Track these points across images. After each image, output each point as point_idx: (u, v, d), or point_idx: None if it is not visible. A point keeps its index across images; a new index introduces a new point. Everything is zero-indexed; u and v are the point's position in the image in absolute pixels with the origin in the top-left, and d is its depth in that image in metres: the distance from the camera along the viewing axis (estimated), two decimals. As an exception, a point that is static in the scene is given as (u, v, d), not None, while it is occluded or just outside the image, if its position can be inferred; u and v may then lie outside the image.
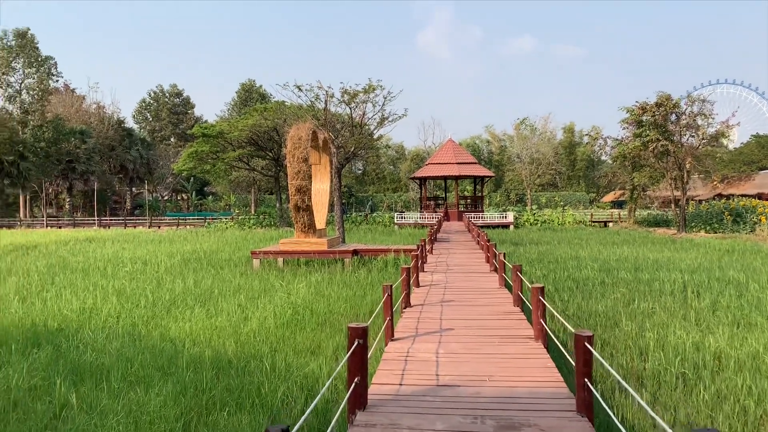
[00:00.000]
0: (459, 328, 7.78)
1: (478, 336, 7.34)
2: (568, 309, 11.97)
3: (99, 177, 70.89)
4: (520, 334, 7.33)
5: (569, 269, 18.25)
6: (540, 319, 6.82)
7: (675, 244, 28.06)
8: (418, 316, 8.70)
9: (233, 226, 48.52)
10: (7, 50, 67.22)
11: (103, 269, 19.30)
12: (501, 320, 8.25)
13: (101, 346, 9.26)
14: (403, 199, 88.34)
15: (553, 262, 20.36)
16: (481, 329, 7.71)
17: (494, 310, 9.08)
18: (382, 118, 25.94)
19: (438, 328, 7.80)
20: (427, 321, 8.31)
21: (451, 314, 8.78)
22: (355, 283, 15.56)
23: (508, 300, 9.93)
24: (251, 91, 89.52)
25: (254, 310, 12.05)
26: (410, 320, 8.35)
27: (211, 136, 47.46)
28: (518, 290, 9.15)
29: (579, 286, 14.93)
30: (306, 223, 20.39)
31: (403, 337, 7.32)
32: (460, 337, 7.27)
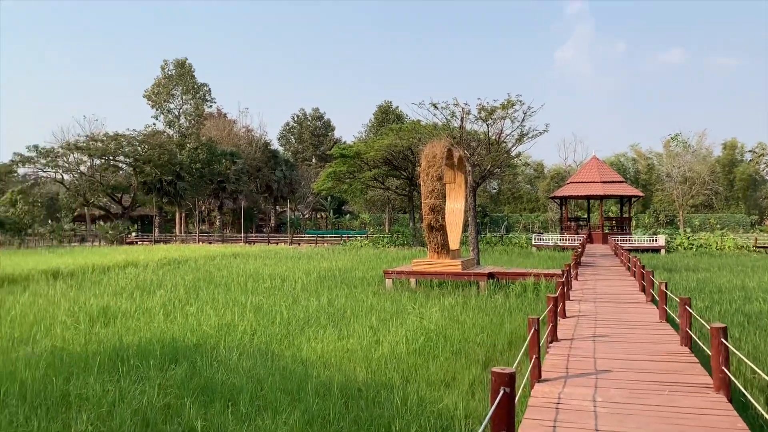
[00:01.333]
0: (617, 370, 6.72)
1: (641, 381, 6.25)
2: (742, 349, 10.30)
3: (246, 196, 75.34)
4: (694, 382, 6.15)
5: (736, 301, 16.08)
6: (722, 366, 5.64)
7: None
8: (567, 352, 7.71)
9: (368, 244, 49.13)
10: (168, 78, 73.75)
11: (243, 284, 19.91)
12: (667, 362, 7.06)
13: (234, 365, 9.18)
14: (541, 219, 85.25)
15: (715, 292, 18.12)
16: (643, 373, 6.60)
17: (657, 349, 7.85)
18: (521, 134, 24.82)
19: (592, 369, 6.79)
20: (578, 359, 7.30)
21: (606, 352, 7.70)
22: (491, 309, 14.66)
23: (673, 337, 8.61)
24: (388, 112, 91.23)
25: (386, 333, 11.58)
26: (558, 358, 7.39)
27: (349, 156, 48.62)
28: (686, 327, 7.86)
29: (751, 322, 12.97)
30: (439, 244, 19.79)
31: (551, 378, 6.41)
32: (620, 382, 6.22)
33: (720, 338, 5.64)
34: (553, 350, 7.88)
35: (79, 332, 11.73)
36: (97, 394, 7.56)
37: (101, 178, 66.77)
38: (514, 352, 10.55)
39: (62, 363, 9.02)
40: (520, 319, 13.12)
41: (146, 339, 11.00)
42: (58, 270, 24.51)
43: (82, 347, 10.23)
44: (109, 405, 7.24)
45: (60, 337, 11.28)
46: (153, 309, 14.56)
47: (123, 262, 29.27)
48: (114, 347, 10.11)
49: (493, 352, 10.44)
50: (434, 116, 25.06)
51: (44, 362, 9.02)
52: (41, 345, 10.54)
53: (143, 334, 11.54)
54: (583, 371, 6.70)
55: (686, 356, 7.38)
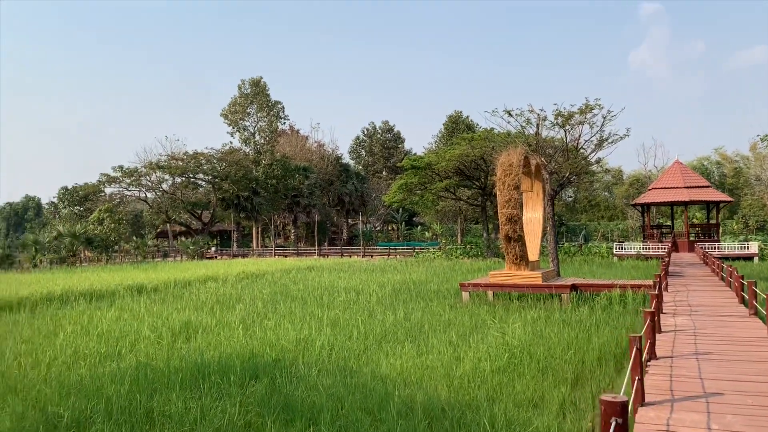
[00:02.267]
0: (729, 393, 6.08)
1: (760, 407, 5.61)
2: None
3: (319, 209, 76.43)
4: (825, 410, 5.46)
5: None
6: None
7: None
8: (668, 372, 7.08)
9: (440, 256, 48.59)
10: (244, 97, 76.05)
11: (319, 298, 19.92)
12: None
13: (313, 382, 9.02)
14: (620, 227, 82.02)
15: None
16: (762, 396, 5.93)
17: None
18: (601, 139, 23.82)
19: (700, 391, 6.18)
20: (683, 380, 6.68)
21: (713, 372, 7.03)
22: (576, 323, 13.94)
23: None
24: (458, 121, 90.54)
25: (466, 349, 11.16)
26: (660, 378, 6.79)
27: (420, 167, 48.37)
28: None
29: None
30: (518, 255, 19.16)
31: (656, 401, 5.85)
32: (736, 408, 5.60)
33: None
34: (653, 369, 7.27)
35: (162, 347, 11.93)
36: (179, 411, 7.56)
37: (182, 195, 69.41)
38: (605, 369, 9.92)
39: (146, 379, 9.13)
40: (608, 334, 12.40)
41: (226, 354, 11.04)
42: (142, 285, 25.39)
43: (164, 363, 10.36)
44: (191, 423, 7.21)
45: (144, 352, 11.49)
46: (232, 323, 14.71)
47: (203, 277, 30.05)
48: (195, 363, 10.17)
49: (582, 369, 9.85)
50: (508, 124, 24.46)
51: (129, 378, 9.15)
52: (126, 360, 10.76)
53: (223, 349, 11.60)
54: (691, 394, 6.10)
55: (809, 378, 6.62)
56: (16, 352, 11.61)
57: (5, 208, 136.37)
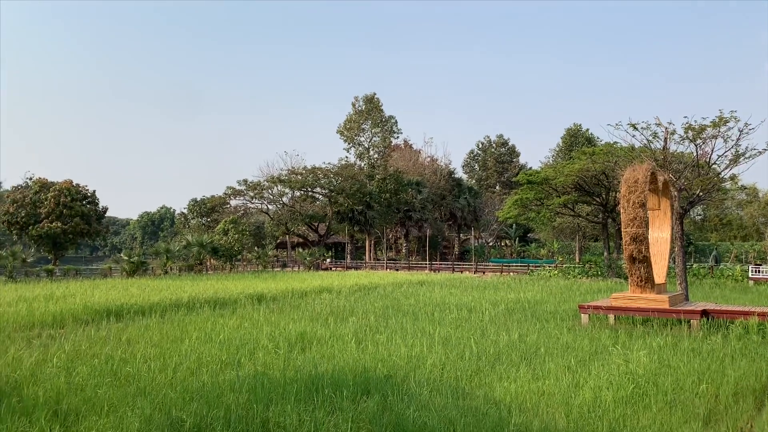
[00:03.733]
0: None
1: None
2: None
3: (431, 224, 76.51)
4: None
5: None
6: None
7: None
8: (824, 418, 6.30)
9: (557, 274, 46.94)
10: (359, 114, 78.04)
11: (431, 314, 19.80)
12: None
13: (425, 401, 8.90)
14: (757, 248, 75.38)
15: None
16: None
17: None
18: (737, 154, 22.02)
19: None
20: (843, 429, 5.90)
21: None
22: (708, 352, 12.85)
23: None
24: (577, 135, 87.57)
25: (586, 375, 10.58)
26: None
27: (536, 182, 47.16)
28: None
29: None
30: (642, 277, 18.03)
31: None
32: None
33: None
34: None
35: (279, 357, 12.29)
36: (293, 423, 7.70)
37: (300, 208, 72.13)
38: (742, 405, 9.04)
39: (263, 389, 9.41)
40: (745, 366, 11.32)
41: (339, 367, 11.18)
42: (261, 294, 26.49)
43: (280, 373, 10.64)
44: (306, 436, 7.32)
45: (261, 361, 11.89)
46: (345, 336, 14.91)
47: (318, 288, 30.89)
48: (309, 375, 10.37)
49: (715, 404, 9.04)
50: (633, 138, 23.24)
51: (247, 387, 9.47)
52: (245, 369, 11.18)
53: (336, 362, 11.76)
54: None
55: None
56: (146, 356, 12.41)
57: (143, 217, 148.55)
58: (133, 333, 15.88)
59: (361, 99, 78.71)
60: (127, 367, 11.25)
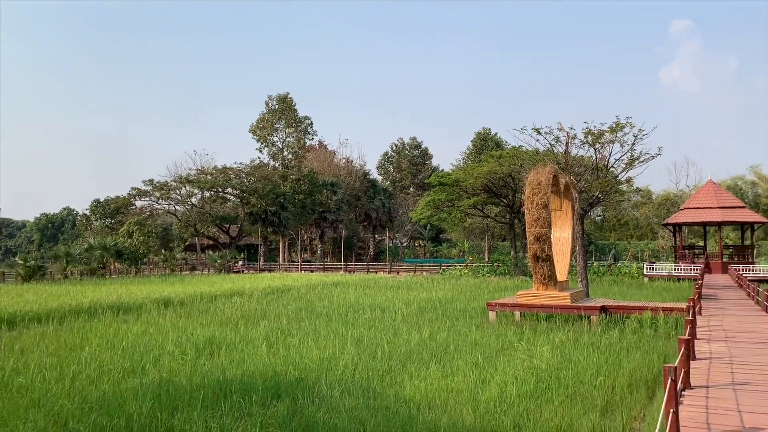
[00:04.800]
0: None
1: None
2: None
3: (346, 225, 76.55)
4: None
5: None
6: None
7: None
8: (704, 403, 6.79)
9: (467, 273, 48.17)
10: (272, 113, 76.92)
11: (344, 315, 19.79)
12: (835, 422, 6.01)
13: (336, 403, 8.87)
14: (651, 247, 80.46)
15: None
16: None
17: (817, 403, 6.76)
18: (632, 158, 23.39)
19: (739, 426, 5.89)
20: (720, 413, 6.38)
21: (753, 404, 6.71)
22: (606, 346, 13.58)
23: (834, 389, 7.43)
24: (486, 139, 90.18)
25: (492, 371, 10.92)
26: (695, 410, 6.50)
27: (447, 184, 48.18)
28: None
29: None
30: (546, 275, 18.82)
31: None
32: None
33: None
34: (688, 400, 6.97)
35: (186, 363, 11.90)
36: (199, 431, 7.47)
37: (210, 209, 70.21)
38: (636, 396, 9.60)
39: (168, 396, 9.08)
40: (639, 358, 12.05)
41: (249, 372, 10.96)
42: (168, 299, 25.56)
43: (187, 379, 10.31)
44: (212, 444, 7.11)
45: (167, 368, 11.47)
46: (256, 340, 14.65)
47: (229, 291, 30.18)
48: (218, 380, 10.11)
49: (612, 396, 9.55)
50: (537, 142, 24.18)
51: (151, 395, 9.11)
52: (149, 376, 10.74)
53: (246, 367, 11.53)
54: (728, 428, 5.82)
55: None
56: (42, 365, 11.68)
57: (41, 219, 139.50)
58: (27, 342, 14.93)
59: (274, 98, 77.58)
60: (20, 377, 10.56)
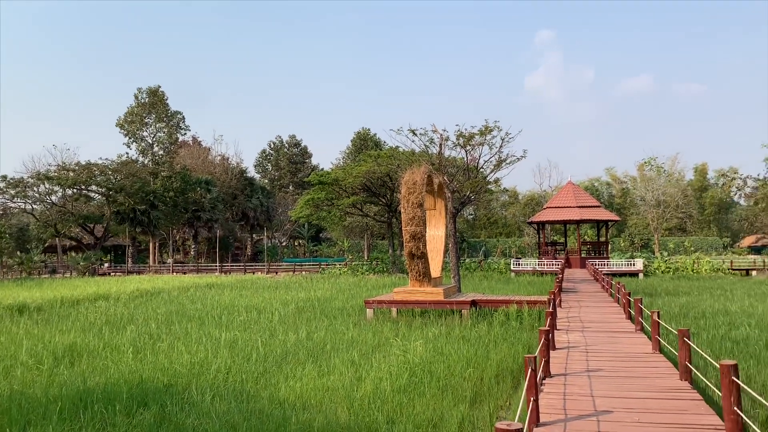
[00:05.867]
0: (618, 411, 6.30)
1: (646, 425, 5.82)
2: (737, 379, 9.98)
3: (222, 224, 74.28)
4: (702, 424, 5.74)
5: (721, 327, 15.85)
6: (734, 407, 5.24)
7: None
8: (562, 390, 7.27)
9: (346, 272, 48.51)
10: (141, 107, 72.97)
11: (218, 318, 19.20)
12: (671, 400, 6.65)
13: (207, 409, 8.57)
14: (518, 244, 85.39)
15: (700, 318, 17.91)
16: (647, 413, 6.18)
17: (657, 384, 7.45)
18: (500, 160, 24.67)
19: (591, 410, 6.36)
20: (576, 399, 6.86)
21: (604, 389, 7.27)
22: (475, 339, 14.20)
23: (670, 371, 8.23)
24: (366, 139, 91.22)
25: (368, 368, 11.04)
26: (554, 397, 6.94)
27: (327, 183, 48.25)
28: (687, 360, 7.49)
29: (740, 349, 12.70)
30: (421, 272, 19.35)
31: (550, 421, 5.95)
32: (625, 426, 5.79)
33: (731, 376, 5.26)
34: (548, 388, 7.44)
35: (42, 374, 11.00)
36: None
37: (73, 208, 65.33)
38: (502, 386, 10.09)
39: (20, 410, 8.33)
40: (505, 350, 12.69)
41: (113, 380, 10.32)
42: (24, 304, 23.52)
43: (42, 391, 9.52)
44: (68, 459, 6.60)
45: (20, 379, 10.53)
46: (122, 346, 13.85)
47: (93, 295, 28.32)
48: (77, 390, 9.42)
49: (480, 386, 9.97)
50: (412, 143, 24.84)
51: (0, 409, 8.31)
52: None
53: (110, 375, 10.86)
54: (583, 412, 6.26)
55: (688, 392, 6.99)
56: None
57: None
58: None
59: (144, 91, 73.55)
60: None
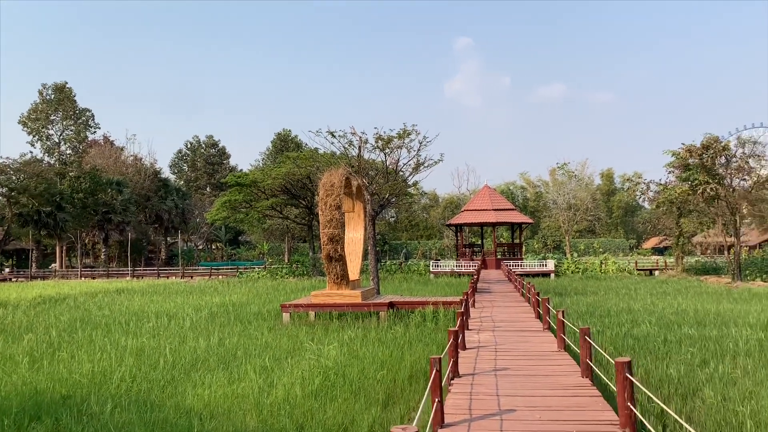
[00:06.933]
0: (521, 409, 6.43)
1: (547, 422, 5.97)
2: (635, 374, 10.46)
3: (134, 227, 71.30)
4: (600, 420, 5.94)
5: (624, 324, 16.66)
6: (627, 403, 5.46)
7: (732, 295, 26.12)
8: (469, 390, 7.36)
9: (265, 275, 47.71)
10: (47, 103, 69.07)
11: (126, 325, 18.38)
12: (571, 397, 6.87)
13: (106, 420, 8.12)
14: (438, 246, 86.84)
15: (605, 316, 18.76)
16: (549, 411, 6.34)
17: (559, 382, 7.68)
18: (418, 163, 24.95)
19: (495, 409, 6.46)
20: (482, 398, 6.96)
21: (510, 389, 7.42)
22: (391, 341, 14.24)
23: (573, 368, 8.52)
24: (287, 140, 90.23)
25: (281, 374, 10.83)
26: (461, 397, 7.02)
27: (245, 185, 47.29)
28: (587, 358, 7.76)
29: (640, 345, 13.36)
30: (339, 274, 19.25)
31: (455, 422, 5.99)
32: (526, 424, 5.91)
33: (625, 373, 5.47)
34: (456, 388, 7.51)
35: None
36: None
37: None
38: (415, 387, 10.14)
39: None
40: (420, 351, 12.78)
41: (4, 393, 9.63)
42: None
43: None
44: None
45: None
46: (17, 356, 12.98)
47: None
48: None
49: (393, 388, 9.97)
50: (332, 145, 24.73)
51: None
52: None
53: (2, 387, 10.12)
54: (487, 412, 6.35)
55: (588, 389, 7.24)
56: None
57: None
58: None
59: (50, 87, 69.66)
60: None
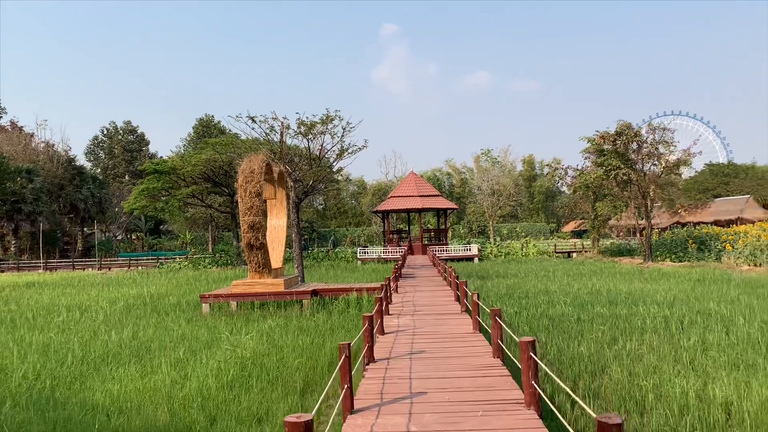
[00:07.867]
0: (432, 391, 6.49)
1: (455, 402, 6.06)
2: (549, 353, 10.84)
3: (47, 217, 67.71)
4: (506, 399, 6.08)
5: (541, 305, 17.22)
6: (532, 381, 5.60)
7: (644, 275, 27.49)
8: (383, 375, 7.38)
9: (187, 266, 46.41)
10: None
11: (33, 319, 17.43)
12: (482, 377, 7.00)
13: (1, 421, 7.66)
14: (366, 233, 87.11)
15: (523, 297, 19.34)
16: (459, 392, 6.43)
17: (471, 362, 7.82)
18: (342, 149, 24.78)
19: (407, 392, 6.50)
20: (395, 382, 6.99)
21: (422, 371, 7.49)
22: (313, 328, 14.15)
23: (486, 349, 8.70)
24: (209, 126, 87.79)
25: (196, 366, 10.54)
26: (374, 382, 7.02)
27: (163, 172, 45.62)
28: (498, 338, 7.93)
29: (555, 325, 13.84)
30: (260, 263, 18.93)
31: (365, 407, 5.99)
32: (435, 405, 5.97)
33: (529, 352, 5.60)
34: (370, 373, 7.52)
35: None
36: None
37: None
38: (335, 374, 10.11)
39: None
40: (342, 337, 12.76)
41: None
42: None
43: None
44: None
45: None
46: None
47: None
48: None
49: (312, 376, 9.90)
50: (252, 130, 24.16)
51: None
52: None
53: None
54: (399, 395, 6.38)
55: (498, 369, 7.40)
56: None
57: None
58: None
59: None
60: None
